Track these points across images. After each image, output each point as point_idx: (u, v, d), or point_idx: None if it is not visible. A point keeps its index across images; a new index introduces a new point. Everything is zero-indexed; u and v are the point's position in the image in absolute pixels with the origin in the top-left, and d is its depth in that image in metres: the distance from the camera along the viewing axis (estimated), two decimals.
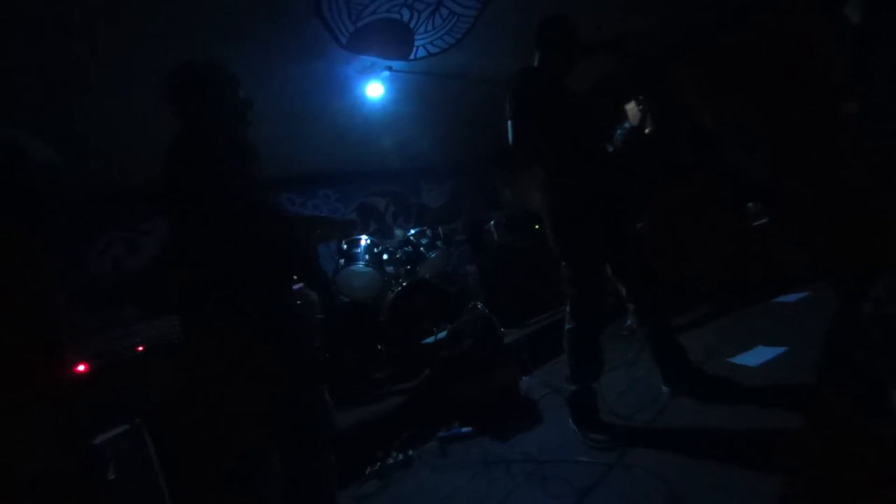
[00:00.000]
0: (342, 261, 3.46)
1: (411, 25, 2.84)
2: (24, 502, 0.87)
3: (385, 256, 3.74)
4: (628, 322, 3.17)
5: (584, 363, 1.94)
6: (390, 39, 2.90)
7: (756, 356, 2.10)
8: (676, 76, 3.64)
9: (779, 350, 2.06)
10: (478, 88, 3.70)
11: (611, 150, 2.16)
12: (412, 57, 3.16)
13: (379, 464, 2.19)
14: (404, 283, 3.47)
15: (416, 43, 3.03)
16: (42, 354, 1.02)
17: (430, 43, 3.06)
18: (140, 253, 3.44)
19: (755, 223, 3.38)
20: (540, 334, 3.49)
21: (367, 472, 2.16)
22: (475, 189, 5.71)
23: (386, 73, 3.22)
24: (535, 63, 2.08)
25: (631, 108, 3.85)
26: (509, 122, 1.94)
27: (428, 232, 3.97)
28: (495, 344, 2.81)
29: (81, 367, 2.24)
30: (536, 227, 4.33)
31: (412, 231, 3.97)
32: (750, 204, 3.42)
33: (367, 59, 3.03)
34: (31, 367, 0.97)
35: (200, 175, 1.34)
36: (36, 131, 1.48)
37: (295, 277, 1.80)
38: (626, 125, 2.65)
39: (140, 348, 2.59)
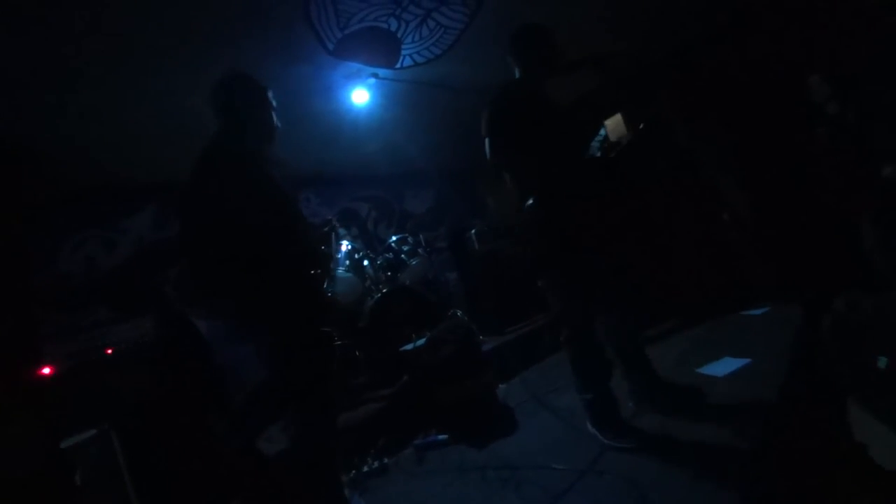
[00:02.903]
0: None
1: (399, 35, 2.88)
2: None
3: (366, 262, 3.74)
4: None
5: (590, 369, 1.89)
6: (377, 48, 2.94)
7: (722, 367, 2.18)
8: (656, 94, 3.77)
9: (743, 361, 2.16)
10: (462, 98, 3.75)
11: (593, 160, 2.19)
12: (398, 66, 3.20)
13: (354, 472, 2.18)
14: (384, 290, 3.47)
15: (403, 52, 3.07)
16: (17, 356, 1.00)
17: (417, 53, 3.11)
18: (116, 252, 3.35)
19: (725, 237, 3.52)
20: (519, 342, 3.54)
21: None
22: (458, 197, 5.76)
23: (372, 80, 3.25)
24: (515, 75, 2.07)
25: (611, 123, 3.97)
26: (486, 139, 1.93)
27: (409, 239, 3.98)
28: (474, 351, 2.83)
29: (48, 370, 2.17)
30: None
31: (393, 238, 3.98)
32: (725, 216, 3.57)
33: (354, 66, 3.06)
34: (6, 368, 0.96)
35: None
36: (19, 126, 1.46)
37: None
38: (602, 134, 2.74)
39: (109, 350, 2.53)
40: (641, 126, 2.84)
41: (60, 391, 2.02)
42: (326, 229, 2.66)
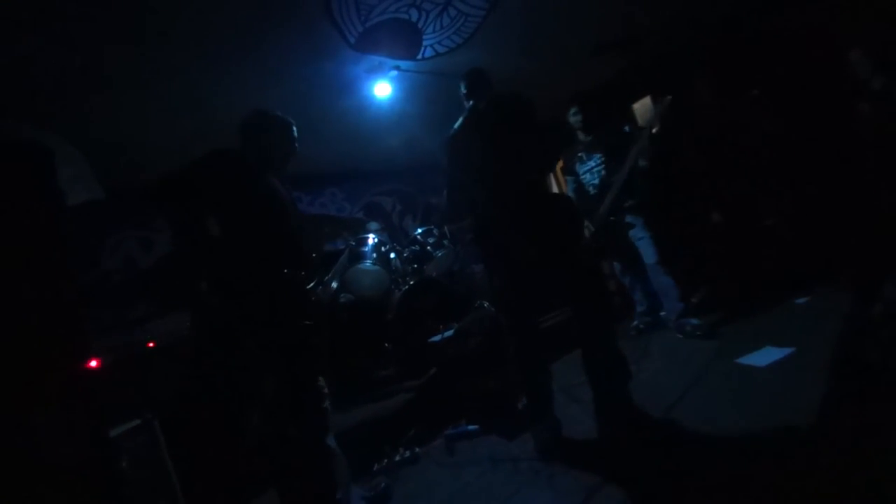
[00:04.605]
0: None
1: (419, 25, 2.85)
2: (47, 492, 0.89)
3: (392, 255, 3.76)
4: (635, 323, 3.17)
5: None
6: (398, 39, 2.92)
7: (764, 356, 2.09)
8: (687, 75, 3.62)
9: (787, 351, 2.06)
10: None
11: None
12: (420, 57, 3.17)
13: (386, 461, 2.21)
14: (411, 282, 3.49)
15: (424, 43, 3.04)
16: (65, 348, 1.05)
17: (438, 43, 3.07)
18: (153, 251, 3.49)
19: (766, 223, 3.37)
20: (547, 334, 3.49)
21: (374, 469, 2.18)
22: None
23: (394, 73, 3.24)
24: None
25: (639, 106, 3.84)
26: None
27: (435, 231, 3.98)
28: (501, 343, 2.82)
29: (94, 363, 2.28)
30: None
31: (419, 230, 3.98)
32: (766, 202, 3.41)
33: (376, 59, 3.05)
34: (54, 360, 1.00)
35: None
36: (51, 128, 1.53)
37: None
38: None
39: (151, 344, 2.63)
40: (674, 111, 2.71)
41: (107, 383, 2.13)
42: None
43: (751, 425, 1.58)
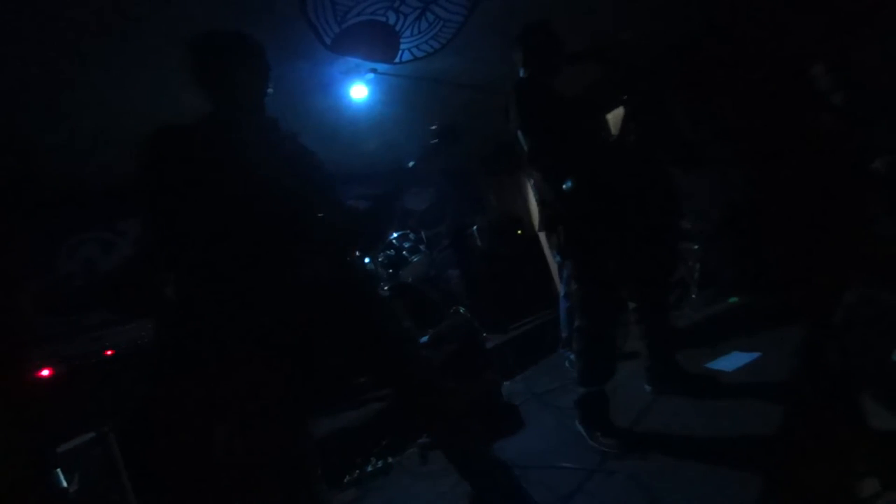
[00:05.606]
0: None
1: (397, 29, 2.83)
2: None
3: (367, 260, 3.70)
4: None
5: (595, 365, 1.87)
6: (375, 42, 2.89)
7: (731, 361, 2.15)
8: (660, 86, 3.72)
9: (753, 356, 2.12)
10: (463, 93, 3.71)
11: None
12: (397, 60, 3.15)
13: (358, 472, 2.15)
14: (386, 287, 3.44)
15: (402, 46, 3.02)
16: (10, 358, 0.97)
17: (416, 47, 3.06)
18: (115, 253, 3.32)
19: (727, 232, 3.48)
20: (522, 339, 3.50)
21: (345, 481, 2.12)
22: (459, 194, 5.72)
23: (370, 76, 3.21)
24: (524, 73, 2.12)
25: (613, 117, 3.90)
26: (520, 132, 1.95)
27: (411, 236, 3.95)
28: (477, 349, 2.80)
29: (46, 372, 2.14)
30: (519, 231, 4.37)
31: (394, 234, 3.94)
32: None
33: (352, 61, 3.01)
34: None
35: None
36: (9, 126, 1.43)
37: None
38: None
39: (109, 353, 2.49)
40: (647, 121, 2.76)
41: (58, 394, 2.00)
42: None
43: (721, 428, 1.61)
